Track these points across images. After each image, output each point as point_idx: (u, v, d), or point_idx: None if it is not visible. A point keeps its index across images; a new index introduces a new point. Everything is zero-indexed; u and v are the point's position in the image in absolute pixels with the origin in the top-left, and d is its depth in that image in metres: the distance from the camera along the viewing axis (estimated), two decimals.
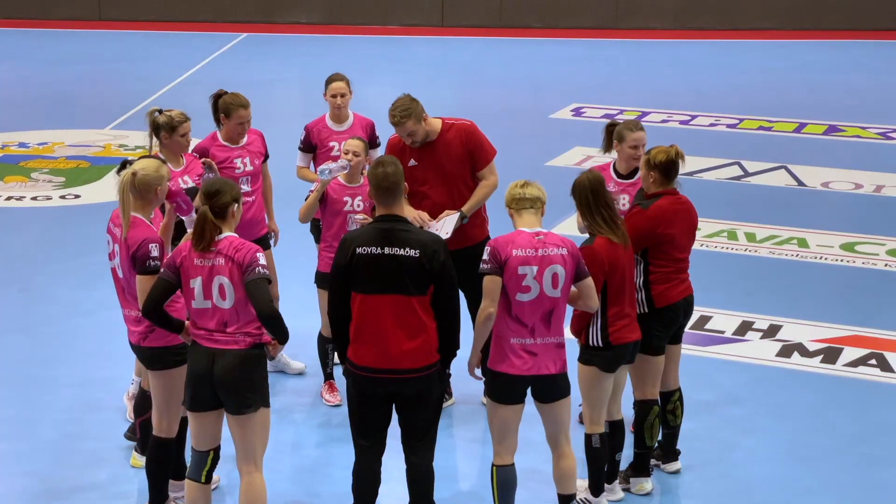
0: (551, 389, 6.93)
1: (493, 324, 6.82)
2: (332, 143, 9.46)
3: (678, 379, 7.92)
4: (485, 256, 6.82)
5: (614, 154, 8.46)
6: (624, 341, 7.26)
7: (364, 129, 9.64)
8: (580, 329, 7.27)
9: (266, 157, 9.27)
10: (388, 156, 7.29)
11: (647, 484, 7.75)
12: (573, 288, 6.95)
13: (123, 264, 7.03)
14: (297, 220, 8.79)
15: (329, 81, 9.64)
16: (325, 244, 8.86)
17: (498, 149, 8.71)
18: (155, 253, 6.88)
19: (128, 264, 6.98)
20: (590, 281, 6.96)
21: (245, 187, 8.96)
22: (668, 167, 7.61)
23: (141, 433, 7.73)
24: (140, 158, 7.28)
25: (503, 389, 6.90)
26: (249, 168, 9.08)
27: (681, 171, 7.67)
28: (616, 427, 7.50)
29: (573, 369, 7.19)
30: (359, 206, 8.70)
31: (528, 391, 6.98)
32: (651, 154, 7.64)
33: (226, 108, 8.98)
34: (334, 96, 9.57)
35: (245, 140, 9.09)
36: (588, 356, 7.27)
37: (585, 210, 7.25)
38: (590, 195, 7.19)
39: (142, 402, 7.64)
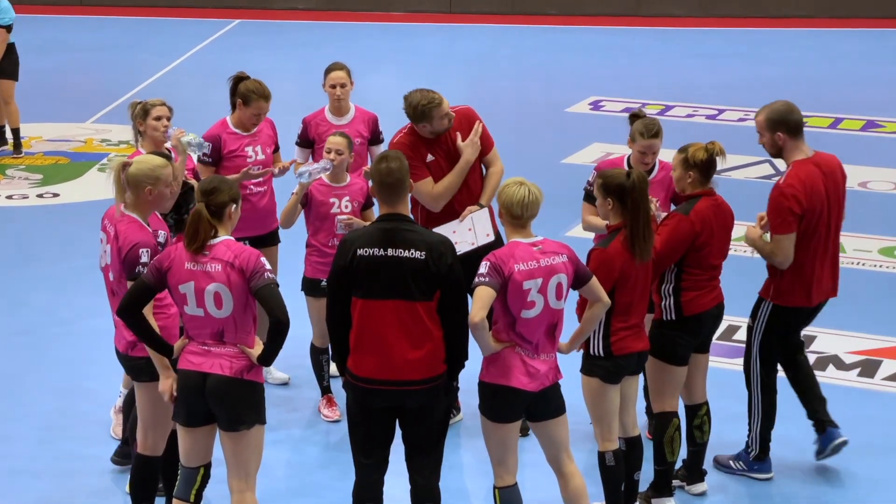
0: (549, 404, 6.91)
1: (487, 332, 6.72)
2: None
3: (706, 392, 7.91)
4: (482, 270, 6.71)
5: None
6: (626, 351, 7.23)
7: (366, 123, 9.66)
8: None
9: (276, 147, 9.36)
10: (393, 150, 7.30)
11: None
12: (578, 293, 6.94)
13: (114, 265, 7.02)
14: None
15: (328, 71, 9.67)
16: (311, 249, 8.86)
17: (511, 145, 8.76)
18: (144, 259, 6.86)
19: (118, 267, 6.97)
20: (594, 280, 6.93)
21: None
22: (708, 166, 7.58)
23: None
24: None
25: (504, 405, 6.85)
26: (261, 157, 9.18)
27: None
28: (632, 444, 7.47)
29: (571, 383, 7.19)
30: (346, 207, 8.70)
31: None
32: (689, 153, 7.59)
33: (246, 95, 9.05)
34: (334, 86, 9.59)
35: (256, 128, 9.16)
36: (589, 366, 7.26)
37: (623, 209, 7.14)
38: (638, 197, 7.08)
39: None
